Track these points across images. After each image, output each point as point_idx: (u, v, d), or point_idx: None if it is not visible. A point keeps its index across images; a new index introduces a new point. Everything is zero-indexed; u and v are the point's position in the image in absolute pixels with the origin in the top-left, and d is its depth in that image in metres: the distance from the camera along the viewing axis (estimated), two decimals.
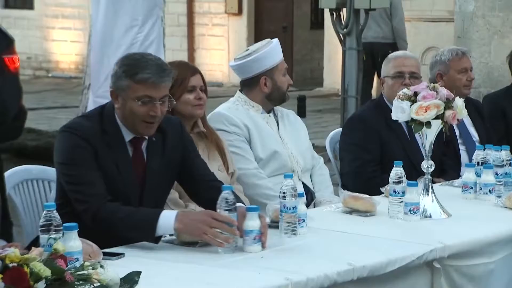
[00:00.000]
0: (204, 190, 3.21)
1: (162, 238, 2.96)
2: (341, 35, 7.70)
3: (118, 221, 2.95)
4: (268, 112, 4.04)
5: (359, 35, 7.60)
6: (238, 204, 2.90)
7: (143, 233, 2.94)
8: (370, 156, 4.11)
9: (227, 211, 2.84)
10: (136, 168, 3.15)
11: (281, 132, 4.03)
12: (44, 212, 2.55)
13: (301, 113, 8.25)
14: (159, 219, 2.92)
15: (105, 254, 2.77)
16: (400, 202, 3.36)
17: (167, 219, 2.91)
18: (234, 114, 3.92)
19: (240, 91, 4.03)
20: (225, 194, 2.88)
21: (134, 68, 3.05)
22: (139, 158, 3.17)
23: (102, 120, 3.12)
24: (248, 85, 3.99)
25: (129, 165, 3.13)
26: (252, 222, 2.87)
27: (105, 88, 5.35)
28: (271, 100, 4.00)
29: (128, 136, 3.14)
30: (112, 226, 2.95)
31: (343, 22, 7.64)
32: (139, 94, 3.05)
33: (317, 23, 14.68)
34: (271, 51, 3.95)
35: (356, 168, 4.12)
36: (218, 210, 2.86)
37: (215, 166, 3.63)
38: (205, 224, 2.85)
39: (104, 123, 3.12)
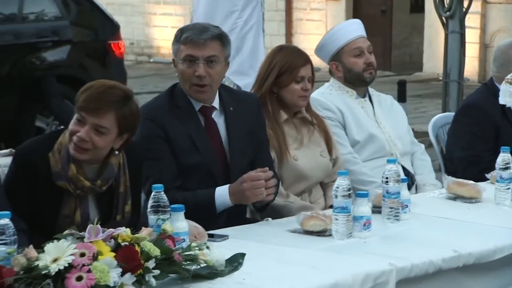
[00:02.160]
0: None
1: (287, 228, 2.98)
2: (443, 18, 7.54)
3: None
4: (363, 96, 4.02)
5: (462, 18, 7.43)
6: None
7: (205, 214, 3.04)
8: (488, 145, 4.00)
9: (343, 197, 2.82)
10: (211, 137, 3.23)
11: (377, 116, 4.00)
12: (153, 193, 2.61)
13: (401, 98, 8.10)
14: (215, 199, 3.06)
15: (209, 235, 2.81)
16: (507, 189, 3.29)
17: (222, 196, 3.08)
18: (328, 98, 3.93)
19: None
20: (341, 180, 2.85)
21: (181, 32, 3.20)
22: (212, 127, 3.24)
23: (173, 95, 3.25)
24: (330, 72, 4.03)
25: (202, 133, 3.22)
26: (362, 208, 2.86)
27: None
28: (350, 83, 3.99)
29: (197, 105, 3.24)
30: None
31: (446, 5, 7.49)
32: (183, 54, 3.18)
33: (417, 6, 14.39)
34: (330, 36, 3.98)
35: (471, 157, 4.01)
36: (334, 197, 2.85)
37: (317, 152, 3.63)
38: (246, 185, 3.03)
39: (175, 98, 3.24)
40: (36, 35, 7.76)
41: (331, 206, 3.03)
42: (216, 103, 3.29)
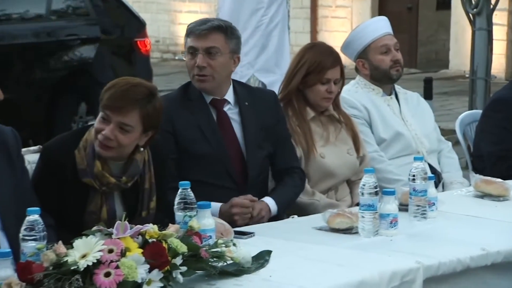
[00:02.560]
0: (282, 173, 3.33)
1: (313, 226, 2.97)
2: (470, 15, 7.49)
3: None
4: (390, 94, 4.00)
5: (489, 15, 7.37)
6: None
7: None
8: None
9: (370, 194, 2.81)
10: (223, 129, 3.25)
11: (404, 114, 3.99)
12: (179, 190, 2.62)
13: (428, 95, 8.05)
14: None
15: (236, 232, 2.81)
16: None
17: (213, 213, 3.07)
18: (353, 96, 3.92)
19: None
20: (367, 178, 2.84)
21: (188, 26, 3.27)
22: (224, 119, 3.28)
23: (187, 89, 3.29)
24: (356, 69, 4.02)
25: (212, 125, 3.25)
26: (389, 206, 2.85)
27: None
28: (377, 81, 3.98)
29: (208, 98, 3.28)
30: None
31: (473, 2, 7.43)
32: (187, 47, 3.26)
33: (444, 3, 14.30)
34: (357, 34, 3.98)
35: (500, 151, 3.98)
36: (360, 194, 2.85)
37: (344, 150, 3.63)
38: (236, 211, 3.13)
39: (188, 91, 3.29)
40: (63, 33, 7.83)
41: (357, 204, 3.02)
42: (229, 96, 3.32)
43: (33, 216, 2.28)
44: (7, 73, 7.20)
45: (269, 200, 3.27)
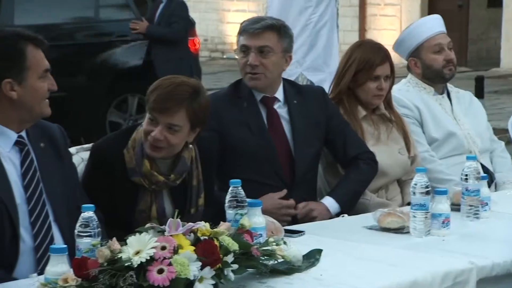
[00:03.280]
0: (348, 164, 3.32)
1: (364, 225, 2.96)
2: None
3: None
4: (441, 93, 3.96)
5: None
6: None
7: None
8: None
9: (421, 194, 2.79)
10: (272, 127, 3.25)
11: (456, 113, 3.94)
12: (230, 188, 2.63)
13: (479, 94, 7.94)
14: None
15: (286, 231, 2.81)
16: None
17: None
18: (405, 95, 3.88)
19: None
20: (419, 177, 2.81)
21: (241, 24, 3.27)
22: (274, 117, 3.28)
23: (238, 87, 3.30)
24: (408, 68, 3.99)
25: (261, 122, 3.25)
26: (441, 206, 2.82)
27: None
28: (429, 80, 3.93)
29: (258, 96, 3.28)
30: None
31: None
32: (239, 45, 3.26)
33: (495, 1, 14.10)
34: (410, 32, 3.94)
35: None
36: (412, 193, 2.83)
37: (395, 149, 3.60)
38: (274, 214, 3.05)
39: (238, 89, 3.29)
40: (114, 34, 7.99)
41: (408, 204, 3.00)
42: (279, 95, 3.33)
43: (88, 213, 2.31)
44: (62, 73, 7.38)
45: (327, 200, 3.28)
